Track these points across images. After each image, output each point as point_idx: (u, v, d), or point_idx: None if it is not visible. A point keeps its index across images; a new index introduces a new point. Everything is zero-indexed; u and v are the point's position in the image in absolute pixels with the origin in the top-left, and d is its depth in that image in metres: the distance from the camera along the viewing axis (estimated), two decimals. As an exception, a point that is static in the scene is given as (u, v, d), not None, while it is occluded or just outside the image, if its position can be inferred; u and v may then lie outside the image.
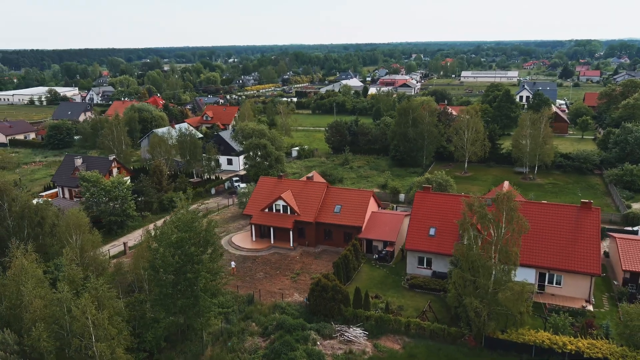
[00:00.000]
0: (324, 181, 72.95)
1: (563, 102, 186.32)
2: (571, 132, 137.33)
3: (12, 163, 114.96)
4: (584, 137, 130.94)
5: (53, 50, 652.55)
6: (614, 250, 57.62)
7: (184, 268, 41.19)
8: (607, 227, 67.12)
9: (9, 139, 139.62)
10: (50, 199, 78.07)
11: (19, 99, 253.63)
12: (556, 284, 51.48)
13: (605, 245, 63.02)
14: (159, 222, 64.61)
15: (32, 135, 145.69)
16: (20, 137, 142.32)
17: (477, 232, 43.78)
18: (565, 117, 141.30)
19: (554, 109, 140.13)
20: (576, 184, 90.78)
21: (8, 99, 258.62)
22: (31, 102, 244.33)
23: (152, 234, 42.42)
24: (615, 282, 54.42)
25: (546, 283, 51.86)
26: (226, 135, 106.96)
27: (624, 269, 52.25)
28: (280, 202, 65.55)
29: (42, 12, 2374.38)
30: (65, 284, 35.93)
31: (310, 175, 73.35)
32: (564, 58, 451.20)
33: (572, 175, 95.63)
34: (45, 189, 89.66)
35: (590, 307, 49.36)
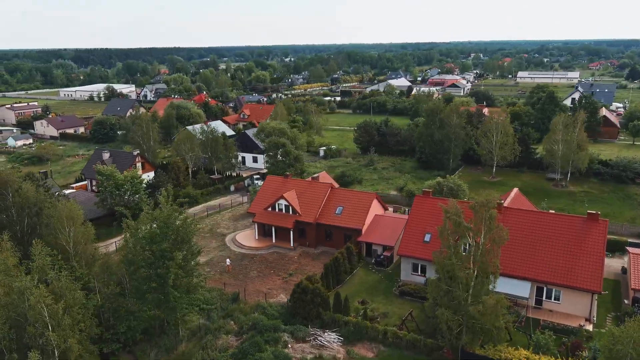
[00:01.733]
0: (331, 181, 72.07)
1: (621, 105, 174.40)
2: (622, 137, 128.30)
3: (57, 155, 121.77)
4: (635, 142, 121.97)
5: (120, 49, 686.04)
6: (628, 266, 53.23)
7: (156, 263, 41.95)
8: (631, 240, 62.24)
9: (60, 133, 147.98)
10: (75, 190, 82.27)
11: (80, 95, 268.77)
12: (554, 299, 48.12)
13: (624, 260, 58.47)
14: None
15: (81, 130, 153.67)
16: (70, 131, 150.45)
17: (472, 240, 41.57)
18: (616, 121, 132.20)
19: (604, 112, 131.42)
20: (612, 194, 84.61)
21: (71, 95, 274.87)
22: (91, 98, 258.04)
23: (129, 228, 43.35)
24: (626, 301, 50.23)
25: (544, 298, 48.59)
26: (253, 133, 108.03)
27: (632, 287, 48.12)
28: (283, 202, 65.33)
29: (111, 12, 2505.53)
30: (35, 273, 37.45)
31: (316, 175, 72.70)
32: (635, 58, 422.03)
33: (609, 184, 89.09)
34: (77, 181, 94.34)
35: (590, 327, 45.78)
